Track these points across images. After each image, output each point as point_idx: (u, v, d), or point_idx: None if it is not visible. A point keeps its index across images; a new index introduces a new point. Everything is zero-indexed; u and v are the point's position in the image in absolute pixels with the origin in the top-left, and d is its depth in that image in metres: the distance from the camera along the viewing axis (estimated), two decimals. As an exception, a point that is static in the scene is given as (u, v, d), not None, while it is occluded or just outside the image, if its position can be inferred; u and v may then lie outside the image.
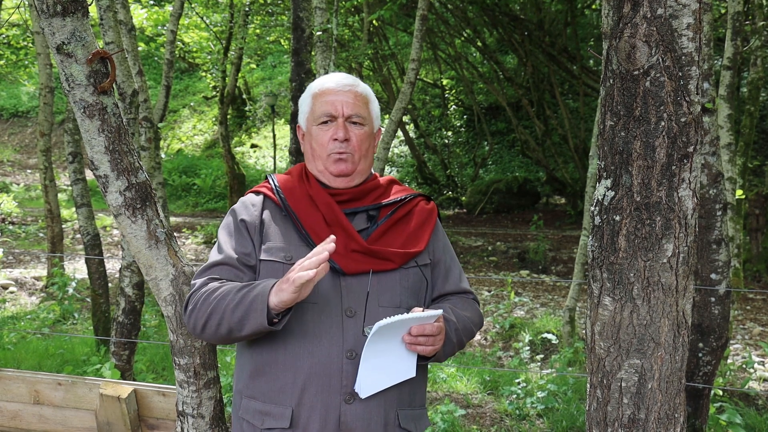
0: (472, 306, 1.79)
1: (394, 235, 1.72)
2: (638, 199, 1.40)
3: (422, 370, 1.74)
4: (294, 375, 1.60)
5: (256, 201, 1.75)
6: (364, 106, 1.76)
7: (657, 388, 1.46)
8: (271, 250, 1.66)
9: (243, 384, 1.69)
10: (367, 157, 1.76)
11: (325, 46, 5.95)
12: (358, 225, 1.71)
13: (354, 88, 1.75)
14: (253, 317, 1.52)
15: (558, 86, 13.56)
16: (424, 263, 1.73)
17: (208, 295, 1.60)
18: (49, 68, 7.70)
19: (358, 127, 1.73)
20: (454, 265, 1.81)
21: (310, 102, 1.77)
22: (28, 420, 2.62)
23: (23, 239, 11.32)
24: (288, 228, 1.69)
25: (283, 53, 17.60)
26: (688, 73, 1.36)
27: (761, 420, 3.99)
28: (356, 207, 1.73)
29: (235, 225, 1.71)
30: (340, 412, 1.58)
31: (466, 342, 1.75)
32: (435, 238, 1.79)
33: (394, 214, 1.74)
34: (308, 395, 1.59)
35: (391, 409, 1.63)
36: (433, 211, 1.82)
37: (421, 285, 1.72)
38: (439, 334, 1.59)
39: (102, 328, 5.68)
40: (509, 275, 9.25)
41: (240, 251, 1.67)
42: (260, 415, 1.63)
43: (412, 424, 1.68)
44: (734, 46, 5.39)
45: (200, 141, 20.08)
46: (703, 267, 3.25)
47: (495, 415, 4.40)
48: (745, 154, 7.41)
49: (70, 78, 1.83)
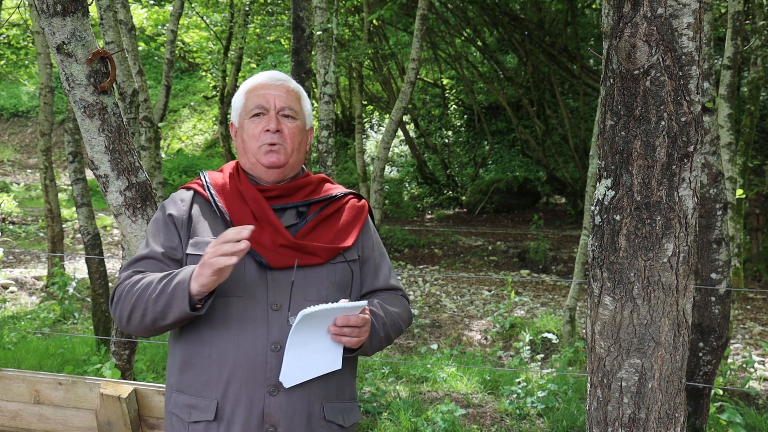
0: (401, 302, 1.82)
1: (322, 231, 1.74)
2: (638, 198, 1.40)
3: (351, 362, 1.76)
4: (219, 368, 1.62)
5: (186, 196, 1.77)
6: (296, 101, 1.78)
7: (657, 387, 1.46)
8: (198, 245, 1.68)
9: (174, 378, 1.71)
10: (299, 152, 1.78)
11: (325, 45, 5.95)
12: (288, 221, 1.73)
13: (286, 83, 1.79)
14: (176, 305, 1.54)
15: (558, 86, 13.56)
16: (352, 259, 1.75)
17: (131, 287, 1.63)
18: (49, 68, 7.69)
19: (290, 120, 1.75)
20: (383, 263, 1.84)
21: (243, 98, 1.79)
22: (28, 420, 2.62)
23: (23, 239, 11.32)
24: (217, 223, 1.72)
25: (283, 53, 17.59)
26: (689, 73, 1.36)
27: (761, 419, 3.99)
28: (285, 203, 1.75)
29: (163, 220, 1.74)
30: (264, 404, 1.60)
31: (394, 337, 1.78)
32: (365, 235, 1.81)
33: (323, 211, 1.77)
34: (233, 388, 1.61)
35: (315, 401, 1.65)
36: (363, 208, 1.85)
37: (349, 281, 1.74)
38: (364, 326, 1.61)
39: (102, 327, 5.68)
40: (509, 275, 9.26)
41: (166, 245, 1.70)
42: (188, 409, 1.65)
43: (339, 417, 1.70)
44: (734, 45, 5.39)
45: (200, 141, 20.09)
46: (704, 266, 3.25)
47: (495, 414, 4.40)
48: (746, 153, 7.41)
49: (70, 78, 1.83)
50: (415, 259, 10.60)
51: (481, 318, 7.32)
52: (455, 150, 16.70)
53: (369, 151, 16.38)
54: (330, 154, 5.59)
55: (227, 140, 14.75)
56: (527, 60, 13.02)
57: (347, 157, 16.48)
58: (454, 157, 16.44)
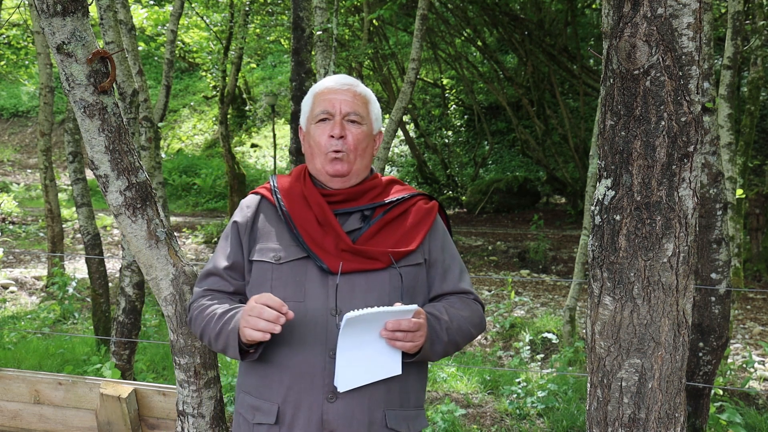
0: (470, 306, 1.76)
1: (386, 235, 1.72)
2: (638, 198, 1.40)
3: (417, 369, 1.73)
4: (281, 372, 1.64)
5: (252, 202, 1.79)
6: (363, 106, 1.77)
7: (657, 387, 1.46)
8: (262, 251, 1.70)
9: (241, 379, 1.75)
10: (365, 157, 1.77)
11: (325, 45, 5.95)
12: (352, 225, 1.72)
13: (353, 87, 1.77)
14: (230, 351, 1.62)
15: (558, 86, 13.56)
16: (417, 263, 1.72)
17: (199, 314, 1.72)
18: (49, 68, 7.69)
19: (356, 126, 1.74)
20: (454, 265, 1.79)
21: (311, 102, 1.79)
22: (28, 420, 2.62)
23: (23, 239, 11.32)
24: (281, 228, 1.72)
25: (283, 53, 17.60)
26: (689, 73, 1.36)
27: (761, 419, 3.99)
28: (350, 207, 1.74)
29: (230, 231, 1.78)
30: (323, 410, 1.60)
31: (462, 343, 1.72)
32: (432, 238, 1.78)
33: (388, 214, 1.75)
34: (293, 393, 1.62)
35: (377, 408, 1.63)
36: (432, 210, 1.81)
37: (414, 285, 1.71)
38: (418, 331, 1.58)
39: (102, 327, 5.68)
40: (509, 275, 9.25)
41: (229, 262, 1.74)
42: (252, 410, 1.68)
43: (404, 425, 1.68)
44: (734, 45, 5.39)
45: (200, 141, 20.09)
46: (704, 266, 3.25)
47: (495, 414, 4.40)
48: (746, 153, 7.41)
49: (70, 78, 1.84)
50: (415, 259, 10.59)
51: (481, 318, 7.31)
52: (455, 150, 16.70)
53: (369, 151, 16.35)
54: (330, 154, 5.58)
55: (227, 140, 14.74)
56: (527, 60, 13.02)
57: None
58: (454, 157, 16.44)
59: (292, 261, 1.67)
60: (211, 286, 1.75)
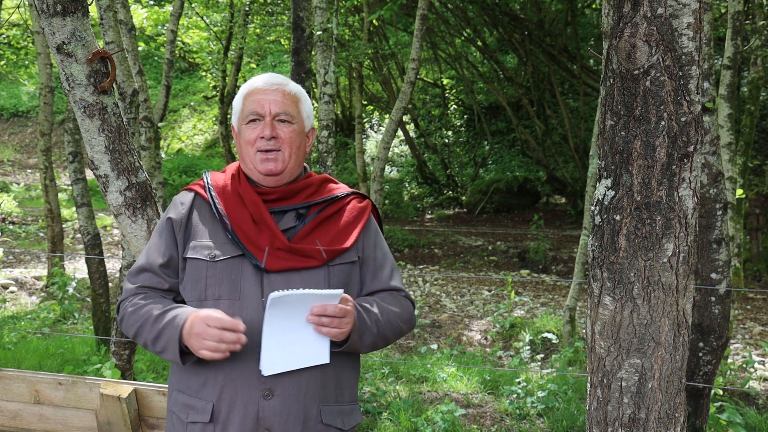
0: (400, 302, 1.78)
1: (321, 233, 1.74)
2: (638, 198, 1.40)
3: (351, 364, 1.75)
4: (215, 370, 1.64)
5: (186, 199, 1.79)
6: (293, 105, 1.77)
7: (657, 387, 1.46)
8: (196, 248, 1.70)
9: (174, 378, 1.74)
10: (298, 156, 1.78)
11: (325, 45, 5.95)
12: (287, 223, 1.73)
13: (282, 87, 1.77)
14: (169, 355, 1.62)
15: (558, 86, 13.55)
16: (351, 260, 1.74)
17: (132, 313, 1.69)
18: (49, 68, 7.69)
19: (287, 125, 1.75)
20: (386, 263, 1.82)
21: (241, 102, 1.80)
22: (28, 420, 2.62)
23: (23, 239, 11.31)
24: (216, 226, 1.73)
25: (283, 53, 17.59)
26: (689, 73, 1.36)
27: (761, 419, 3.99)
28: (285, 206, 1.75)
29: (164, 227, 1.76)
30: (258, 407, 1.61)
31: (392, 337, 1.75)
32: (365, 236, 1.80)
33: (322, 212, 1.76)
34: (228, 390, 1.62)
35: (312, 404, 1.65)
36: (365, 208, 1.83)
37: (348, 282, 1.73)
38: (345, 317, 1.59)
39: (102, 327, 5.68)
40: (509, 275, 9.25)
41: (163, 259, 1.73)
42: (186, 408, 1.67)
43: (338, 420, 1.69)
44: (734, 45, 5.39)
45: (200, 141, 20.08)
46: (704, 266, 3.25)
47: (495, 414, 4.40)
48: (746, 153, 7.41)
49: (70, 78, 1.83)
50: (415, 259, 10.60)
51: (481, 318, 7.32)
52: (455, 150, 16.70)
53: (369, 151, 16.38)
54: (330, 154, 5.59)
55: (227, 140, 14.74)
56: (527, 60, 13.02)
57: (347, 157, 16.47)
58: (454, 157, 16.43)
59: (227, 259, 1.67)
60: (145, 282, 1.72)
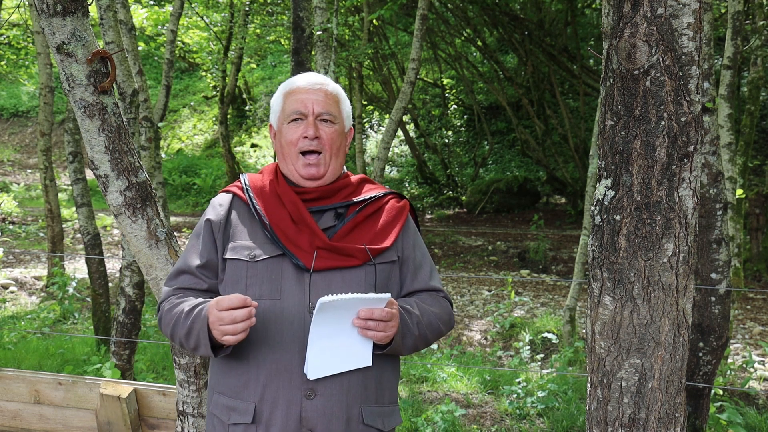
0: (440, 303, 1.78)
1: (361, 233, 1.73)
2: (638, 198, 1.40)
3: (391, 365, 1.74)
4: (257, 371, 1.63)
5: (224, 200, 1.79)
6: (335, 105, 1.78)
7: (657, 387, 1.46)
8: (235, 249, 1.69)
9: (215, 380, 1.73)
10: (338, 156, 1.78)
11: (325, 45, 5.95)
12: (326, 223, 1.73)
13: (324, 86, 1.78)
14: (202, 349, 1.61)
15: (558, 86, 13.55)
16: (392, 260, 1.74)
17: (168, 311, 1.68)
18: (49, 68, 7.69)
19: (329, 125, 1.75)
20: (425, 263, 1.81)
21: (281, 101, 1.79)
22: (28, 419, 2.62)
23: (23, 239, 11.31)
24: (255, 226, 1.72)
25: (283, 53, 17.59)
26: (689, 73, 1.36)
27: (761, 419, 3.99)
28: (324, 205, 1.74)
29: (202, 229, 1.76)
30: (301, 407, 1.60)
31: (432, 338, 1.74)
32: (404, 235, 1.79)
33: (362, 212, 1.76)
34: (270, 391, 1.61)
35: (354, 405, 1.64)
36: (404, 208, 1.83)
37: (389, 281, 1.73)
38: (391, 321, 1.59)
39: (102, 327, 5.68)
40: (509, 275, 9.25)
41: (202, 260, 1.72)
42: (227, 410, 1.66)
43: (379, 421, 1.69)
44: (734, 45, 5.39)
45: (200, 141, 20.08)
46: (704, 266, 3.25)
47: (495, 414, 4.40)
48: (746, 153, 7.41)
49: (70, 78, 1.83)
50: (415, 259, 10.58)
51: (481, 318, 7.32)
52: (455, 150, 16.69)
53: (369, 151, 16.38)
54: (330, 154, 5.58)
55: (227, 140, 14.74)
56: (527, 60, 13.02)
57: (347, 157, 16.47)
58: (454, 157, 16.43)
59: (267, 259, 1.66)
60: (183, 284, 1.72)
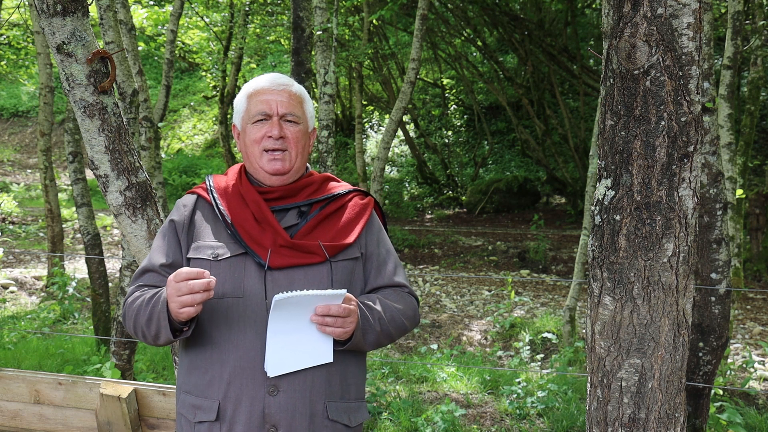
0: (404, 299, 1.79)
1: (323, 230, 1.75)
2: (638, 198, 1.40)
3: (357, 360, 1.75)
4: (221, 369, 1.64)
5: (189, 201, 1.81)
6: (299, 106, 1.80)
7: (657, 387, 1.46)
8: (199, 248, 1.71)
9: (181, 379, 1.75)
10: (302, 156, 1.80)
11: (325, 45, 5.95)
12: (289, 221, 1.75)
13: (288, 87, 1.80)
14: (163, 334, 1.61)
15: (558, 86, 13.55)
16: (354, 256, 1.75)
17: (130, 305, 1.69)
18: (49, 68, 7.69)
19: (293, 125, 1.77)
20: (389, 259, 1.82)
21: (245, 102, 1.81)
22: (28, 420, 2.62)
23: (23, 239, 11.31)
24: (218, 226, 1.74)
25: (283, 53, 17.59)
26: (689, 73, 1.36)
27: (761, 419, 3.99)
28: (287, 204, 1.76)
29: (167, 229, 1.78)
30: (264, 404, 1.61)
31: (396, 334, 1.75)
32: (368, 232, 1.81)
33: (324, 209, 1.78)
34: (234, 388, 1.63)
35: (318, 400, 1.65)
36: (367, 205, 1.84)
37: (351, 278, 1.74)
38: (348, 317, 1.60)
39: (102, 327, 5.68)
40: (509, 275, 9.25)
41: (167, 260, 1.73)
42: (193, 409, 1.68)
43: (344, 416, 1.70)
44: (734, 45, 5.39)
45: (200, 141, 20.08)
46: (704, 266, 3.25)
47: (495, 414, 4.40)
48: (746, 153, 7.41)
49: (70, 78, 1.84)
50: (415, 259, 10.60)
51: (481, 318, 7.32)
52: (455, 150, 16.69)
53: (369, 151, 16.37)
54: (330, 154, 5.59)
55: (227, 140, 14.74)
56: (527, 60, 13.02)
57: (347, 157, 16.47)
58: (454, 157, 16.43)
59: (230, 258, 1.68)
60: (146, 282, 1.73)
